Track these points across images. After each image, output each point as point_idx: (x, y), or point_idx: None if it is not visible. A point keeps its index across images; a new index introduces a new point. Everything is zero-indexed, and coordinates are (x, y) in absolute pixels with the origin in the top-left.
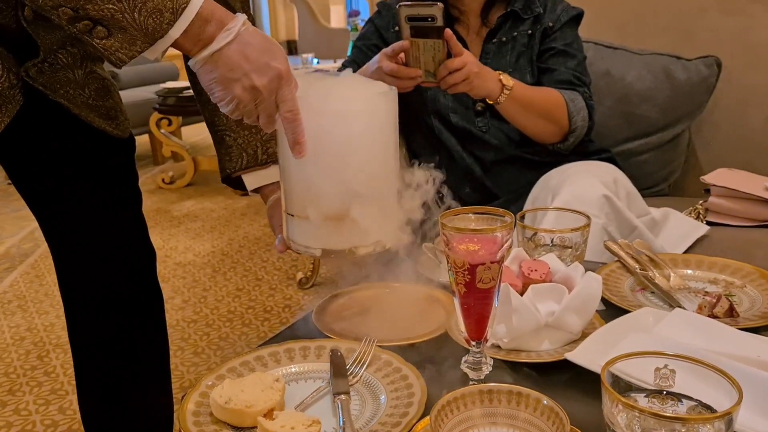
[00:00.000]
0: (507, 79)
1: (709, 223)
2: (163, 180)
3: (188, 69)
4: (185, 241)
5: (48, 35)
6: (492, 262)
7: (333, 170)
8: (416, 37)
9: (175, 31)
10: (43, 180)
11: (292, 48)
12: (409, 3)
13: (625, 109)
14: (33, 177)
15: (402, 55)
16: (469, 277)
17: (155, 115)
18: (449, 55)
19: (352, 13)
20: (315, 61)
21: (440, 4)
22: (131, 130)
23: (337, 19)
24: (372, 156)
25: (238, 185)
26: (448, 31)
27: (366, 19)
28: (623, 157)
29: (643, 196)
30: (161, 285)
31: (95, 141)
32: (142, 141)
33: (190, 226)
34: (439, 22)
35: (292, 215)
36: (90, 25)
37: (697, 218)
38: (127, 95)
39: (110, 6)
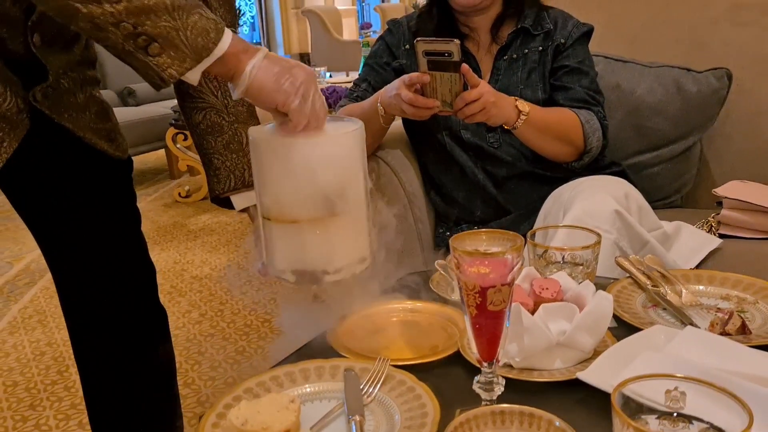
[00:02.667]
0: (523, 105)
1: (721, 236)
2: (179, 194)
3: (178, 93)
4: (202, 255)
5: (55, 60)
6: (503, 285)
7: (299, 204)
8: (433, 70)
9: (219, 50)
10: (43, 201)
11: (305, 61)
12: (427, 39)
13: (636, 122)
14: (33, 198)
15: (419, 84)
16: (480, 299)
17: (171, 130)
18: (466, 87)
19: (364, 26)
20: (327, 74)
21: (457, 41)
22: (129, 151)
23: (349, 31)
24: (338, 190)
25: (226, 204)
26: (465, 66)
27: (378, 30)
28: (635, 170)
29: (656, 208)
30: (178, 299)
31: (95, 162)
32: (158, 155)
33: (206, 239)
34: (456, 58)
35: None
36: (147, 41)
37: (710, 231)
38: (143, 111)
39: (166, 24)
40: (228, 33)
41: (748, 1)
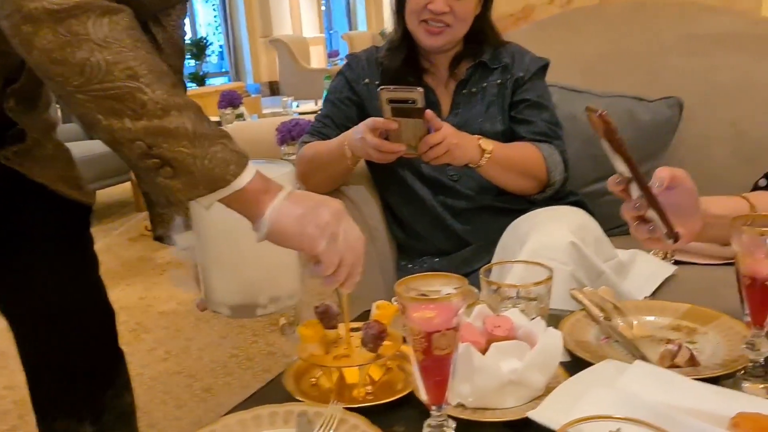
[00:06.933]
0: (486, 144)
1: (676, 262)
2: (145, 227)
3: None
4: (168, 290)
5: (27, 119)
6: (447, 329)
7: (234, 247)
8: (398, 116)
9: (237, 185)
10: (1, 252)
11: (274, 89)
12: (390, 87)
13: (592, 151)
14: None
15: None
16: (425, 344)
17: None
18: (430, 130)
19: (332, 54)
20: (294, 104)
21: (420, 89)
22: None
23: (317, 59)
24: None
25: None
26: (429, 112)
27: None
28: (592, 197)
29: (614, 235)
30: (143, 336)
31: (56, 209)
32: (124, 189)
33: (173, 273)
34: (420, 104)
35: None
36: (159, 164)
37: (665, 258)
38: None
39: (184, 150)
40: (251, 169)
41: (698, 32)
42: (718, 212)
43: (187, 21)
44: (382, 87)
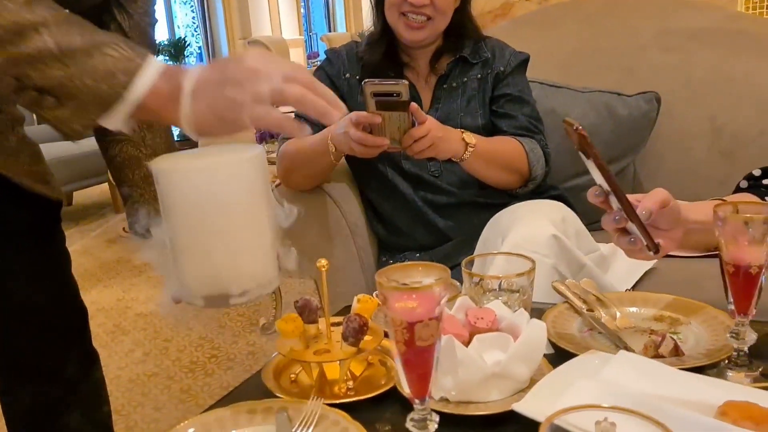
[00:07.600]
0: (470, 137)
1: None
2: (123, 228)
3: (95, 130)
4: (147, 291)
5: None
6: (430, 319)
7: (203, 234)
8: (382, 110)
9: (133, 95)
10: None
11: None
12: (375, 81)
13: (571, 146)
14: None
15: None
16: (407, 334)
17: None
18: (414, 123)
19: (312, 55)
20: None
21: (405, 82)
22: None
23: (297, 61)
24: (241, 214)
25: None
26: (413, 105)
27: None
28: (573, 192)
29: (594, 229)
30: (121, 338)
31: (22, 204)
32: (101, 190)
33: (152, 274)
34: (405, 98)
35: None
36: (37, 97)
37: None
38: (84, 144)
39: (57, 72)
40: (147, 73)
41: (674, 27)
42: (698, 218)
43: (164, 21)
44: (367, 80)
